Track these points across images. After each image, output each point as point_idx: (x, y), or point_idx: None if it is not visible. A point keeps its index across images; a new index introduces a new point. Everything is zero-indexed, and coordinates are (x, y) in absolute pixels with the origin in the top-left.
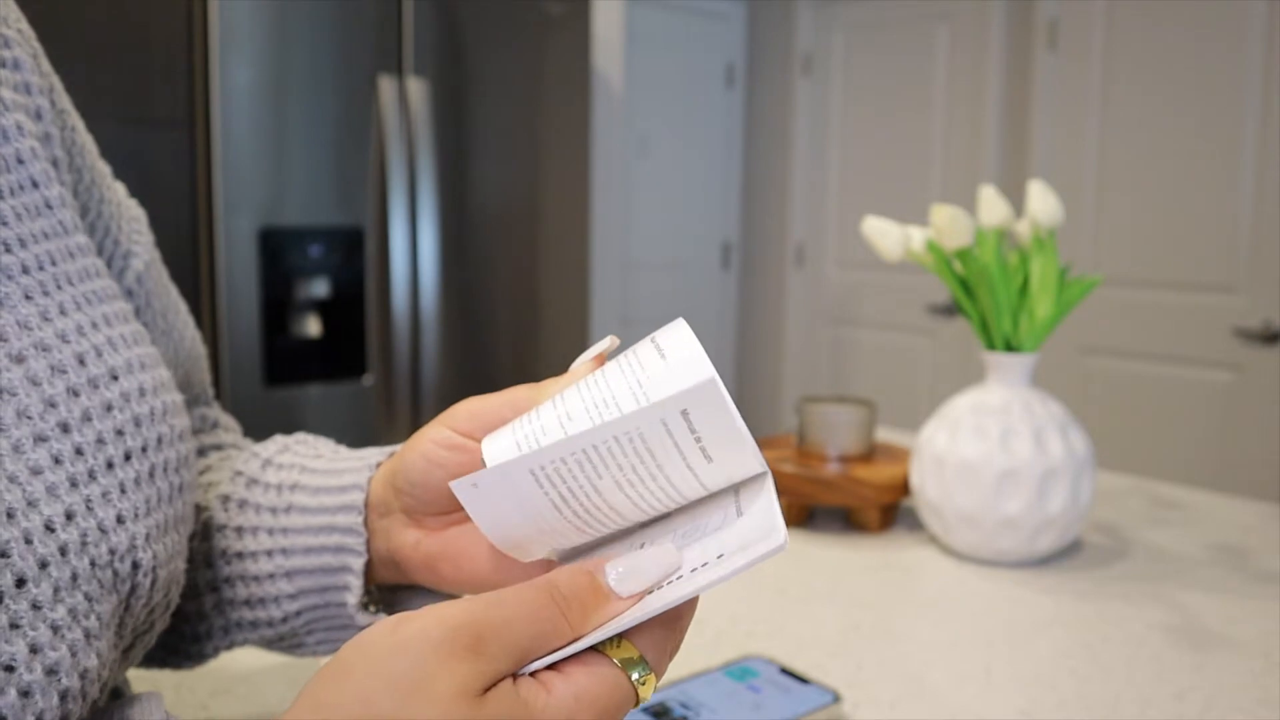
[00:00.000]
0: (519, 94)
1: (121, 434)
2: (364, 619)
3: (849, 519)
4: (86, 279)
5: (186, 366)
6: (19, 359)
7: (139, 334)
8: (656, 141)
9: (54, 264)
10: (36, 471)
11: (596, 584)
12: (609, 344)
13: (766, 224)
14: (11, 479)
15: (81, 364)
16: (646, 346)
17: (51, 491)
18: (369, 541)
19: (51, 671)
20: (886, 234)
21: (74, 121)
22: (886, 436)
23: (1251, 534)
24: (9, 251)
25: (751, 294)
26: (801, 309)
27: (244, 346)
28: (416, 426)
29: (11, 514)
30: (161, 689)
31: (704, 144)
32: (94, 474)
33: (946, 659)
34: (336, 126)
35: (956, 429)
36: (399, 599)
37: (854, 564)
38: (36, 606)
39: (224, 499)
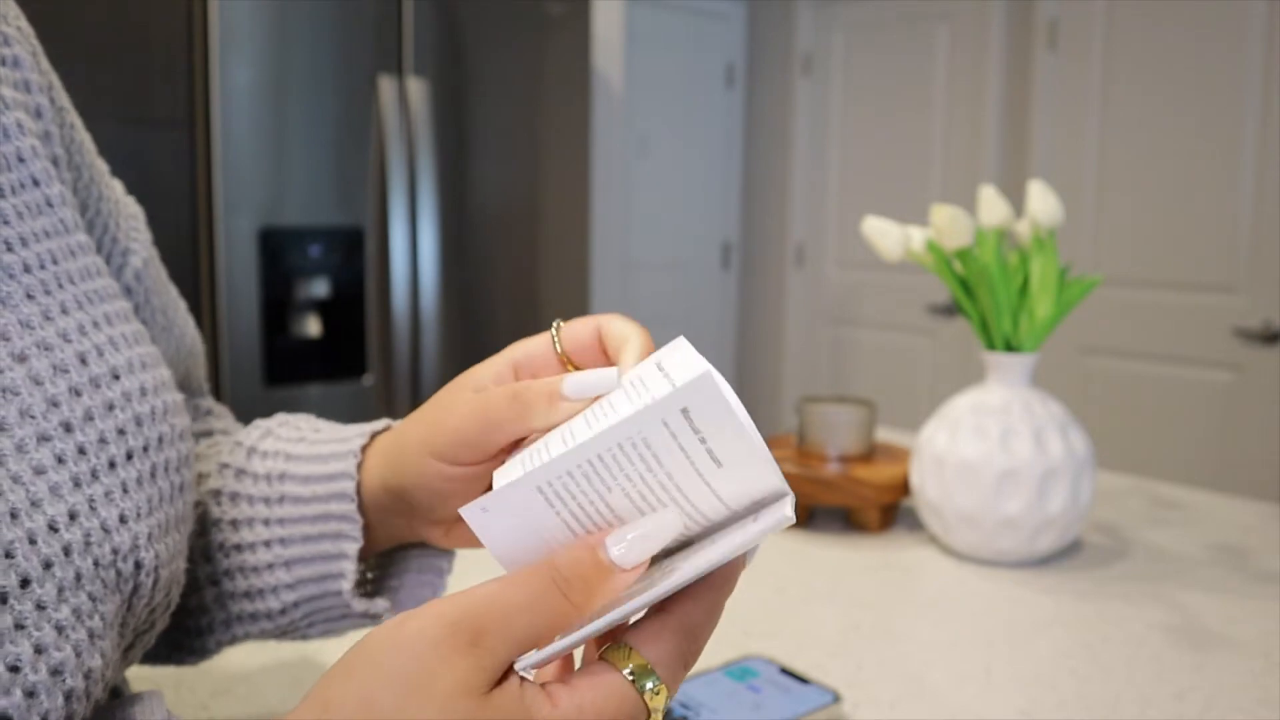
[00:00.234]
0: (519, 94)
1: (123, 433)
2: (359, 605)
3: (849, 519)
4: (87, 277)
5: (186, 363)
6: (21, 358)
7: (139, 333)
8: (656, 141)
9: (55, 262)
10: (40, 471)
11: (598, 559)
12: (609, 386)
13: (766, 224)
14: (15, 479)
15: (83, 363)
16: (648, 366)
17: (55, 491)
18: (369, 530)
19: (56, 672)
20: (886, 234)
21: (72, 119)
22: (886, 436)
23: (1251, 534)
24: (10, 250)
25: (751, 294)
26: (801, 309)
27: (244, 346)
28: None
29: (15, 514)
30: (162, 689)
31: (704, 144)
32: (96, 473)
33: (946, 659)
34: (336, 126)
35: (956, 429)
36: (393, 562)
37: (854, 564)
38: (41, 607)
39: (215, 493)
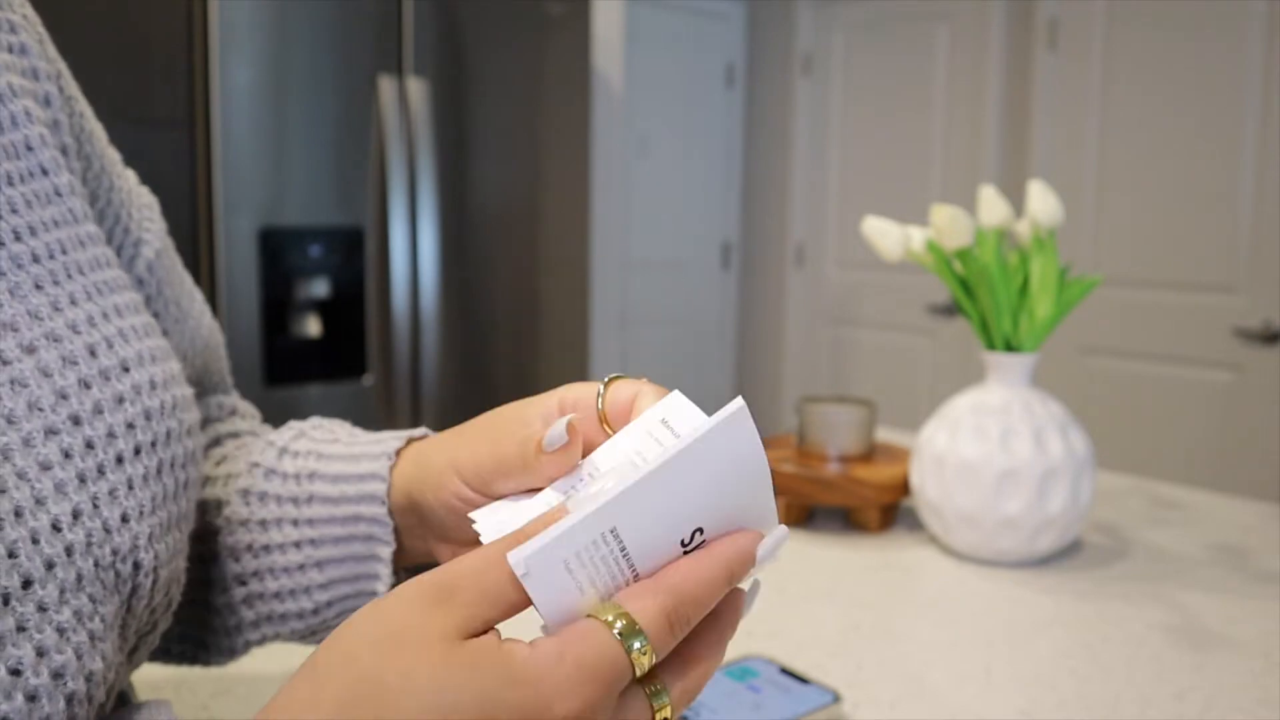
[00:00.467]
0: (519, 94)
1: (132, 427)
2: None
3: (849, 519)
4: (97, 268)
5: (204, 355)
6: (30, 349)
7: (149, 325)
8: (656, 141)
9: (64, 252)
10: (46, 467)
11: (563, 509)
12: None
13: (766, 224)
14: (21, 475)
15: (93, 355)
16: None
17: (60, 489)
18: (400, 535)
19: (58, 675)
20: (886, 234)
21: (82, 108)
22: (886, 436)
23: (1251, 534)
24: (19, 240)
25: (751, 294)
26: (801, 309)
27: (244, 346)
28: (416, 427)
29: (19, 513)
30: (163, 690)
31: (704, 144)
32: (103, 469)
33: (946, 659)
34: (336, 126)
35: (956, 429)
36: None
37: (854, 564)
38: (43, 608)
39: (244, 492)
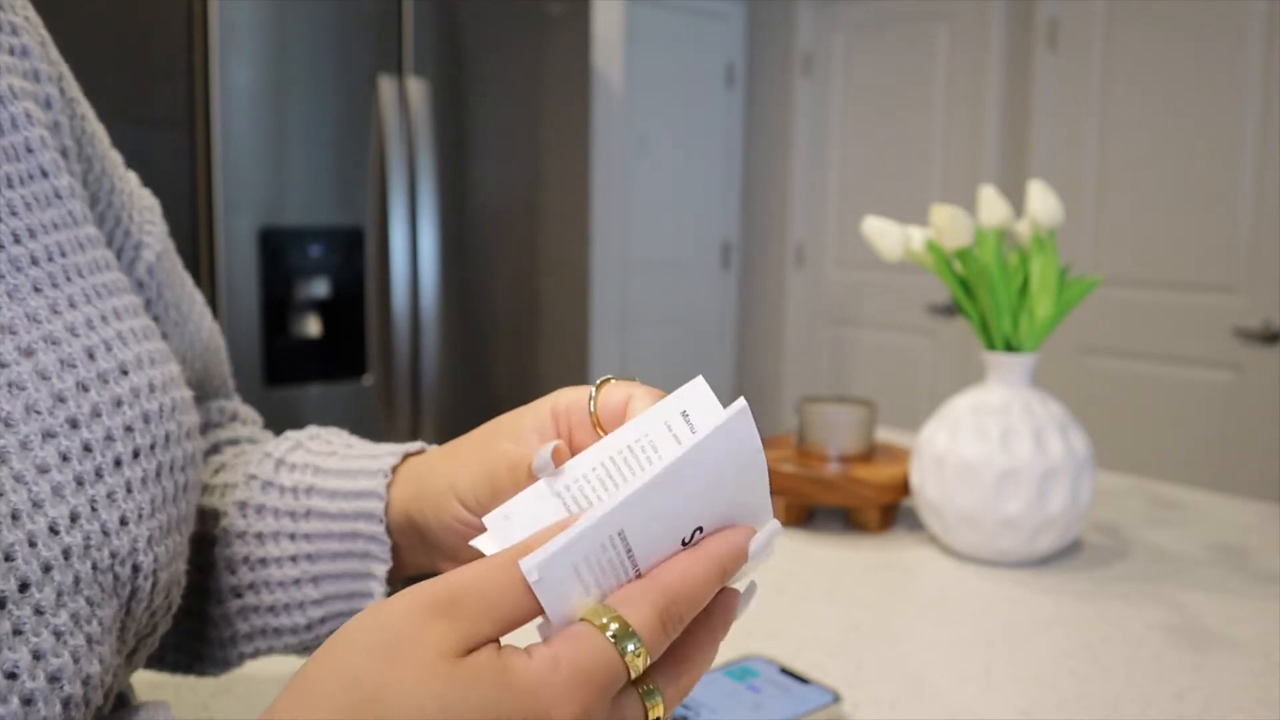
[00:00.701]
0: (519, 94)
1: (131, 430)
2: None
3: (849, 519)
4: (96, 271)
5: (205, 359)
6: (28, 352)
7: (149, 328)
8: (656, 141)
9: (64, 255)
10: (43, 470)
11: (564, 523)
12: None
13: (766, 224)
14: (18, 478)
15: (91, 358)
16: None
17: (57, 492)
18: (396, 552)
19: (54, 679)
20: (886, 234)
21: (84, 110)
22: (886, 436)
23: (1251, 534)
24: (18, 242)
25: (751, 294)
26: (801, 309)
27: (244, 346)
28: (416, 427)
29: (17, 516)
30: (162, 690)
31: (704, 144)
32: (101, 472)
33: (946, 659)
34: (336, 126)
35: (956, 429)
36: None
37: (854, 564)
38: (39, 612)
39: (241, 505)
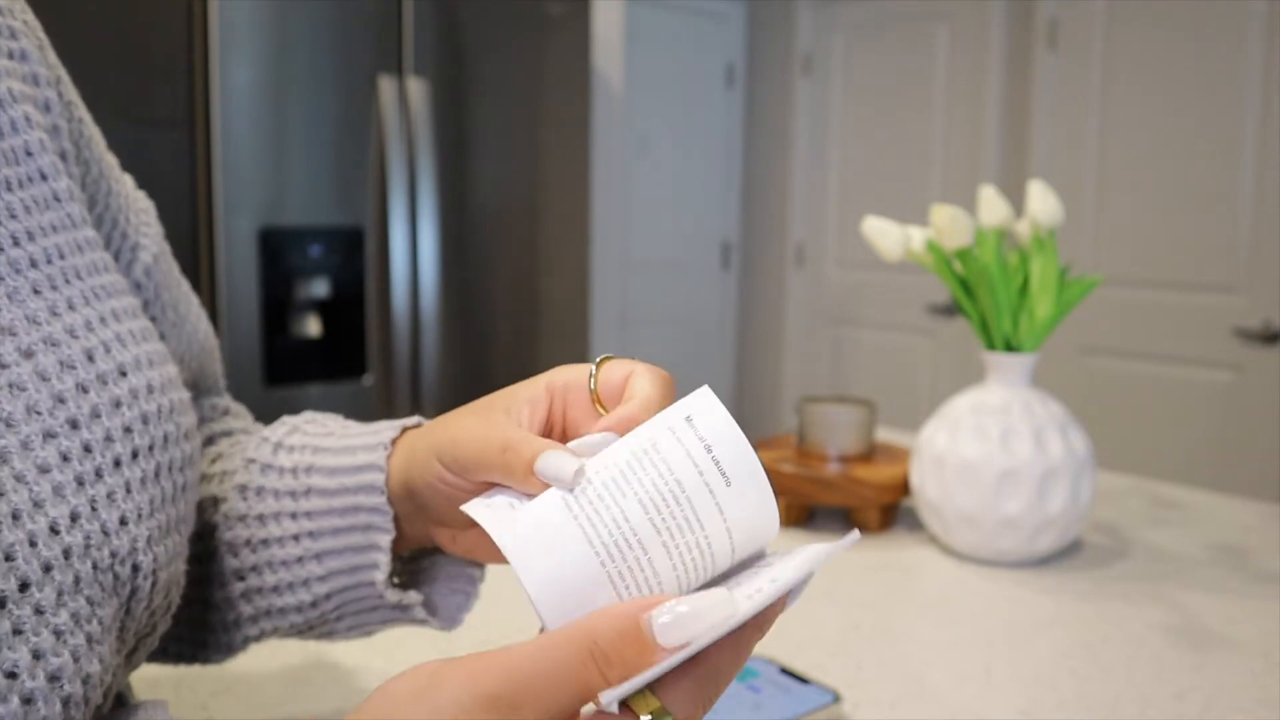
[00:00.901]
0: (519, 94)
1: (130, 431)
2: (392, 595)
3: (849, 519)
4: (95, 273)
5: (200, 359)
6: (28, 354)
7: (147, 330)
8: (656, 141)
9: (63, 258)
10: (44, 470)
11: (641, 637)
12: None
13: (766, 224)
14: (19, 478)
15: (90, 360)
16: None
17: (58, 492)
18: (398, 522)
19: (54, 678)
20: (886, 234)
21: (81, 114)
22: (886, 436)
23: (1251, 534)
24: (17, 245)
25: (751, 294)
26: (801, 309)
27: (244, 346)
28: None
29: (17, 516)
30: (162, 690)
31: (704, 144)
32: (101, 473)
33: (946, 659)
34: (336, 126)
35: (956, 429)
36: (423, 571)
37: (854, 564)
38: (39, 611)
39: (241, 488)
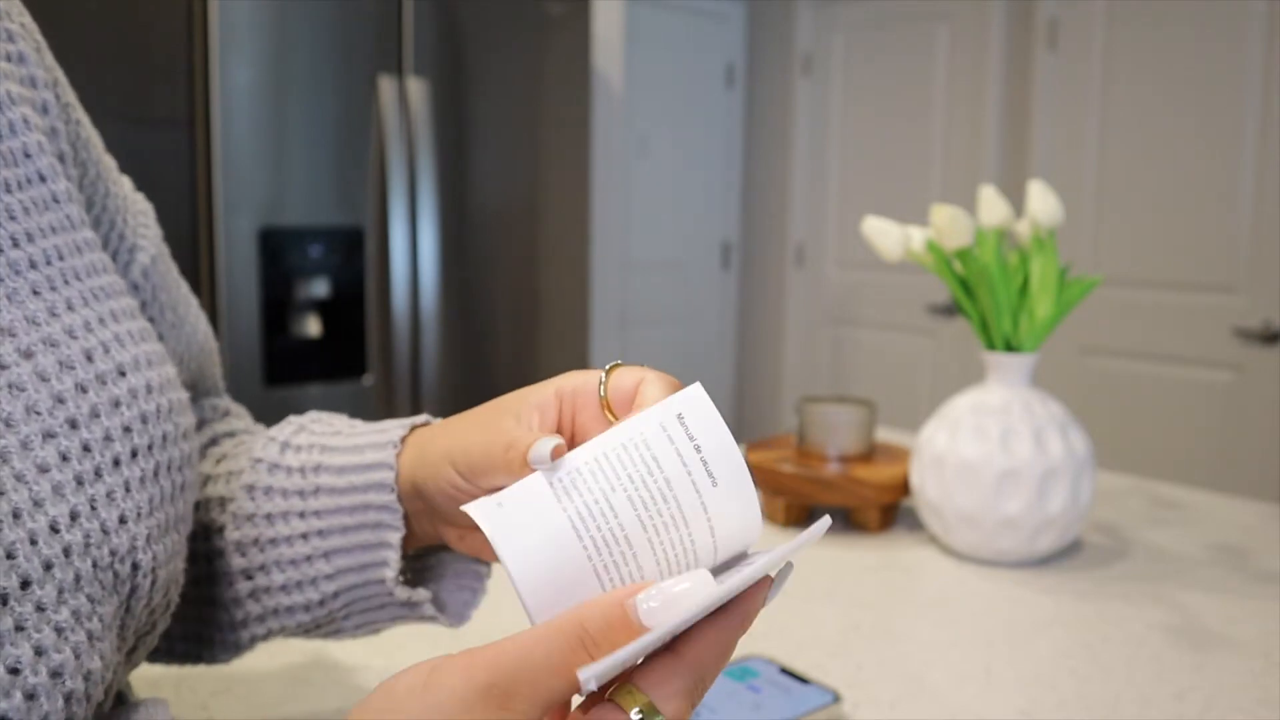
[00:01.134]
0: (519, 94)
1: (129, 430)
2: (401, 593)
3: (849, 519)
4: (93, 274)
5: (199, 360)
6: (28, 354)
7: (145, 330)
8: (656, 141)
9: (61, 259)
10: (44, 469)
11: (628, 621)
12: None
13: (766, 224)
14: (19, 478)
15: (89, 360)
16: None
17: (58, 491)
18: (407, 520)
19: (56, 674)
20: (886, 234)
21: (79, 115)
22: (886, 436)
23: (1251, 534)
24: (16, 246)
25: (751, 294)
26: (801, 309)
27: (244, 346)
28: None
29: (18, 514)
30: (162, 689)
31: (704, 144)
32: (100, 472)
33: (946, 659)
34: (336, 126)
35: (956, 429)
36: (430, 569)
37: (854, 564)
38: (41, 608)
39: (248, 488)
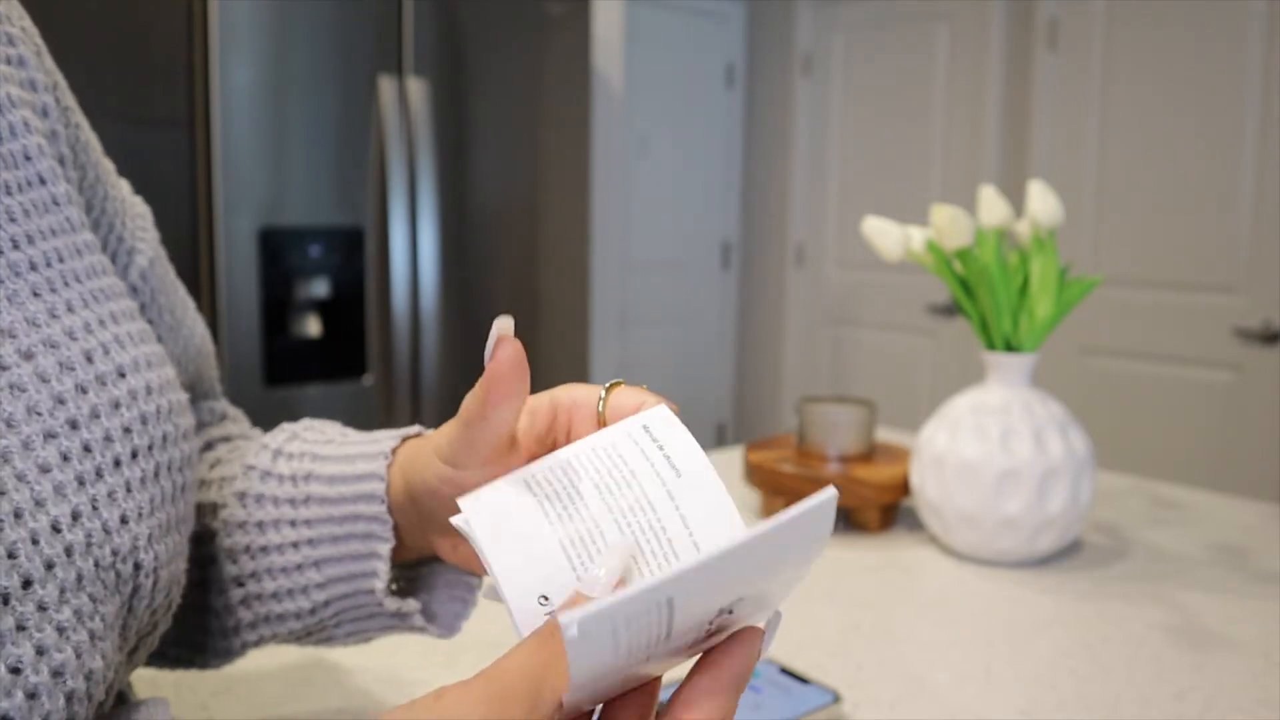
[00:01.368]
0: (519, 94)
1: (129, 431)
2: (391, 603)
3: (849, 519)
4: (93, 276)
5: (197, 363)
6: (28, 355)
7: (144, 332)
8: (656, 141)
9: (61, 261)
10: (45, 469)
11: (579, 597)
12: (506, 324)
13: (766, 224)
14: (20, 478)
15: (89, 361)
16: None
17: (59, 491)
18: (398, 532)
19: (57, 673)
20: (886, 234)
21: (79, 119)
22: (886, 436)
23: (1251, 534)
24: (16, 248)
25: (751, 294)
26: (801, 309)
27: (244, 346)
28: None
29: (19, 514)
30: (162, 690)
31: (704, 144)
32: (101, 472)
33: (946, 659)
34: (336, 126)
35: (956, 429)
36: (421, 579)
37: (854, 564)
38: (42, 608)
39: (240, 495)
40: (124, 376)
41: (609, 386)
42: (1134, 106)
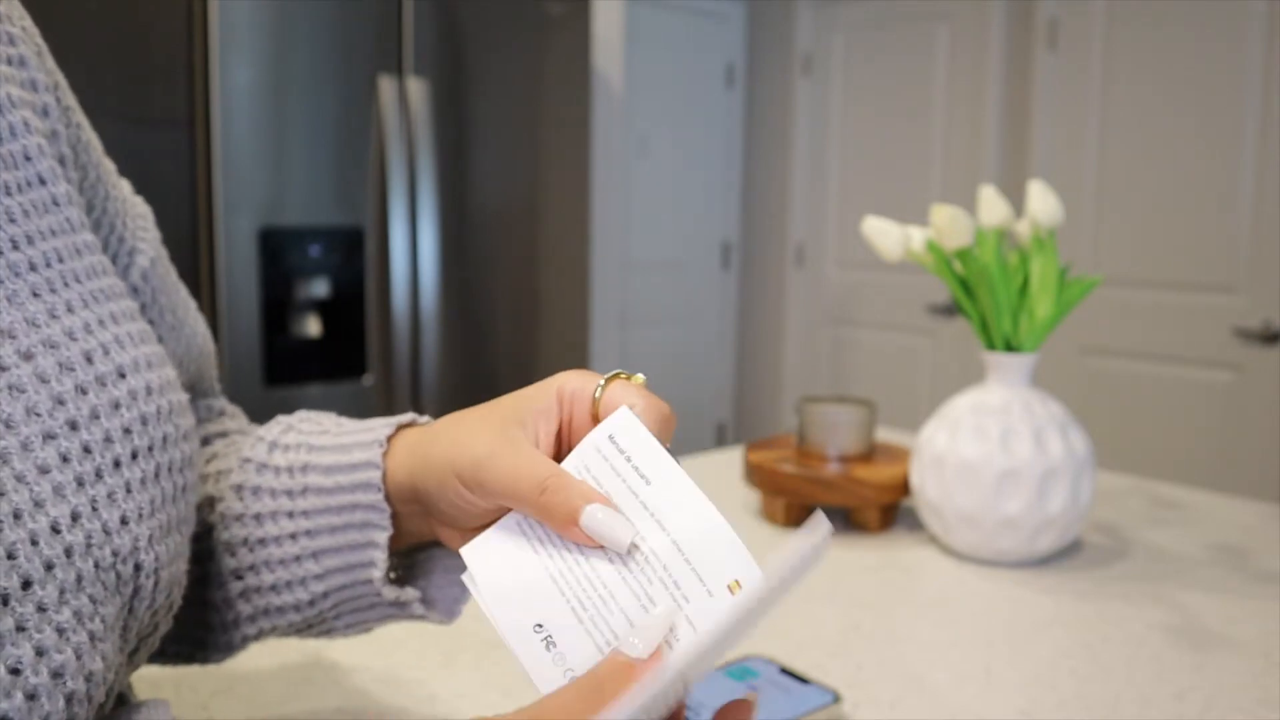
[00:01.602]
0: (519, 94)
1: (129, 432)
2: (389, 593)
3: (849, 519)
4: (93, 276)
5: (198, 363)
6: (27, 356)
7: (145, 332)
8: (656, 141)
9: (61, 261)
10: (44, 470)
11: (621, 660)
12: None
13: (766, 224)
14: (19, 478)
15: (89, 361)
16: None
17: (58, 492)
18: (396, 520)
19: (57, 674)
20: (886, 234)
21: (79, 119)
22: (886, 436)
23: (1251, 534)
24: (16, 248)
25: (751, 294)
26: (801, 309)
27: (244, 346)
28: None
29: (19, 515)
30: (162, 689)
31: (704, 144)
32: (100, 473)
33: (946, 659)
34: (336, 126)
35: (956, 429)
36: (419, 564)
37: (854, 564)
38: (42, 609)
39: (237, 488)
40: (124, 377)
41: (609, 378)
42: (1134, 106)
